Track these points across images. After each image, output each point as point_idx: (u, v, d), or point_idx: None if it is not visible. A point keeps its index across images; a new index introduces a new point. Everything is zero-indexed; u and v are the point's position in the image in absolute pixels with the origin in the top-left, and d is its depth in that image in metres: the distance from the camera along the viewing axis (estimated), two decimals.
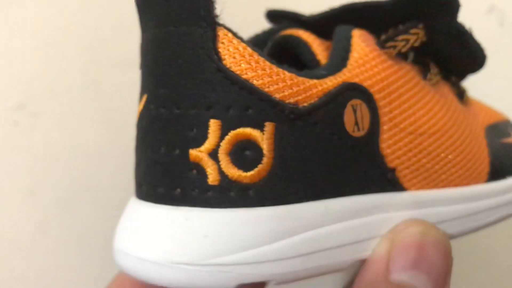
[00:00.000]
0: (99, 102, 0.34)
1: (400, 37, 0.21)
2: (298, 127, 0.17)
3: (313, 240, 0.17)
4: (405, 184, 0.20)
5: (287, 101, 0.17)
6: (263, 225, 0.17)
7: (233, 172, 0.17)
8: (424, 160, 0.20)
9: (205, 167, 0.17)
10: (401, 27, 0.21)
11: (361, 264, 0.19)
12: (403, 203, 0.20)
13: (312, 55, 0.21)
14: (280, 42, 0.22)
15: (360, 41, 0.20)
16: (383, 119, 0.19)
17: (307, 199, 0.17)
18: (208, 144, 0.16)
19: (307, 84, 0.17)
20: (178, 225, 0.17)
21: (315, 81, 0.18)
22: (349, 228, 0.18)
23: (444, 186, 0.21)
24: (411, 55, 0.24)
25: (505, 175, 0.24)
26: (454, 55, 0.24)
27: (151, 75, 0.18)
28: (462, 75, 0.26)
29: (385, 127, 0.19)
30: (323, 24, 0.22)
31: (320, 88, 0.18)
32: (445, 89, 0.23)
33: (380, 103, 0.19)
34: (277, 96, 0.17)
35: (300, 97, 0.17)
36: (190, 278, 0.16)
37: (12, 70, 0.33)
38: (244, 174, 0.17)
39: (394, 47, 0.21)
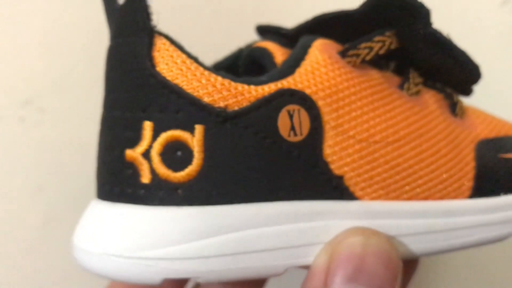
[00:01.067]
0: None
1: (363, 45, 0.21)
2: (227, 130, 0.18)
3: (240, 241, 0.18)
4: (357, 193, 0.19)
5: (215, 105, 0.18)
6: (188, 223, 0.18)
7: (164, 172, 0.18)
8: (380, 169, 0.20)
9: (139, 167, 0.18)
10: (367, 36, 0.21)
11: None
12: (353, 212, 0.19)
13: (274, 64, 0.21)
14: (250, 54, 0.23)
15: (317, 50, 0.20)
16: (328, 125, 0.19)
17: (237, 201, 0.18)
18: (142, 145, 0.18)
19: (240, 89, 0.18)
20: (113, 220, 0.18)
21: (249, 86, 0.18)
22: (282, 232, 0.18)
23: (409, 198, 0.20)
24: (391, 65, 0.23)
25: (498, 192, 0.22)
26: (437, 64, 0.23)
27: (104, 82, 0.19)
28: (457, 86, 0.24)
29: (329, 134, 0.19)
30: (300, 35, 0.22)
31: (254, 93, 0.18)
32: (430, 100, 0.23)
33: (325, 110, 0.19)
34: (206, 99, 0.18)
35: (229, 101, 0.18)
36: (120, 269, 0.18)
37: (18, 66, 0.33)
38: (174, 174, 0.18)
39: (357, 55, 0.21)
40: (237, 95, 0.18)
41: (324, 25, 0.22)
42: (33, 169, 0.34)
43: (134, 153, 0.18)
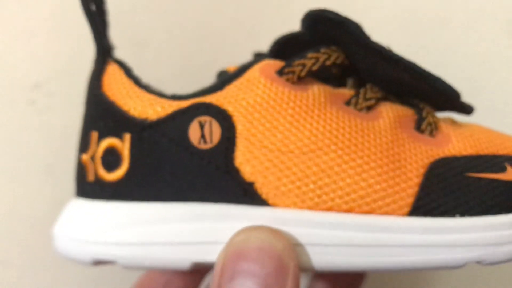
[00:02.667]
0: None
1: (296, 63, 0.22)
2: (146, 138, 0.21)
3: (151, 233, 0.21)
4: (270, 200, 0.21)
5: (137, 117, 0.21)
6: (111, 215, 0.21)
7: (102, 172, 0.22)
8: (293, 178, 0.21)
9: (88, 168, 0.23)
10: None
11: None
12: (263, 217, 0.20)
13: None
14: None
15: (256, 70, 0.22)
16: (241, 136, 0.21)
17: (153, 199, 0.21)
18: (90, 150, 0.23)
19: (162, 103, 0.21)
20: (71, 211, 0.23)
21: (172, 101, 0.22)
22: (190, 229, 0.21)
23: (329, 209, 0.20)
24: (350, 81, 0.24)
25: (453, 213, 0.21)
26: (392, 78, 0.23)
27: None
28: (436, 102, 0.24)
29: (242, 143, 0.21)
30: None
31: (170, 106, 0.21)
32: (385, 114, 0.22)
33: (240, 122, 0.21)
34: (133, 112, 0.22)
35: (148, 114, 0.21)
36: (65, 248, 0.22)
37: (28, 50, 0.34)
38: (108, 174, 0.22)
39: (293, 72, 0.22)
40: (158, 108, 0.21)
41: (285, 47, 0.24)
42: (42, 152, 0.34)
43: (85, 157, 0.23)
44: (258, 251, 0.19)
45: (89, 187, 0.22)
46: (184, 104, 0.21)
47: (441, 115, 0.26)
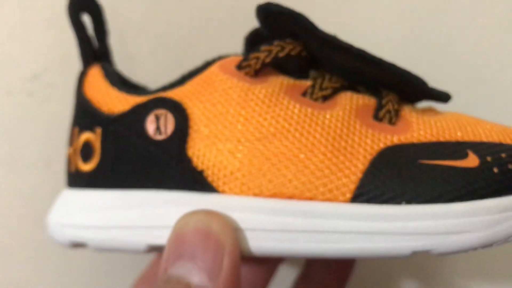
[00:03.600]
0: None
1: (252, 56, 0.23)
2: (110, 130, 0.23)
3: (113, 217, 0.23)
4: (220, 187, 0.22)
5: (106, 112, 0.24)
6: (83, 201, 0.24)
7: (80, 163, 0.25)
8: (240, 166, 0.21)
9: (71, 160, 0.25)
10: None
11: None
12: (210, 204, 0.21)
13: None
14: None
15: (216, 65, 0.24)
16: (194, 127, 0.22)
17: (117, 187, 0.23)
18: (74, 144, 0.25)
19: (127, 99, 0.24)
20: (59, 199, 0.26)
21: (136, 96, 0.24)
22: (143, 215, 0.22)
23: (273, 195, 0.21)
24: (312, 73, 0.25)
25: (399, 200, 0.20)
26: (350, 67, 0.23)
27: None
28: (398, 90, 0.23)
29: (194, 134, 0.22)
30: None
31: (133, 101, 0.23)
32: (341, 104, 0.23)
33: (193, 114, 0.22)
34: (103, 108, 0.24)
35: (115, 109, 0.24)
36: (52, 231, 0.25)
37: (26, 41, 0.34)
38: (84, 165, 0.24)
39: (249, 66, 0.23)
40: (122, 103, 0.24)
41: (255, 42, 0.25)
42: (41, 143, 0.34)
43: (70, 150, 0.25)
44: (194, 234, 0.20)
45: (71, 177, 0.25)
46: (145, 99, 0.23)
47: (423, 105, 0.26)
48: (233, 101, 0.22)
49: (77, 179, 0.25)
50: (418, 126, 0.22)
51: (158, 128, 0.23)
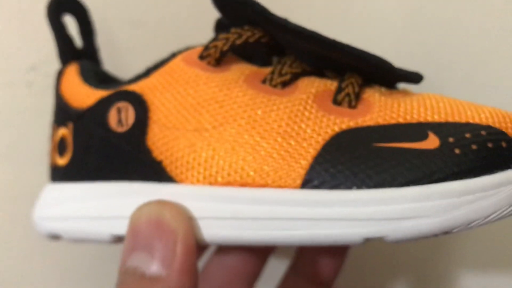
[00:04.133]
0: (112, 62, 0.34)
1: (211, 45, 0.23)
2: (79, 124, 0.24)
3: (81, 208, 0.24)
4: (178, 177, 0.22)
5: (76, 107, 0.25)
6: (57, 194, 0.25)
7: (57, 158, 0.26)
8: (195, 155, 0.21)
9: (51, 155, 0.26)
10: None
11: None
12: (168, 194, 0.22)
13: None
14: None
15: (179, 58, 0.24)
16: (153, 118, 0.23)
17: (87, 179, 0.24)
18: (52, 140, 0.26)
19: (94, 94, 0.24)
20: (42, 192, 0.27)
21: (101, 90, 0.24)
22: (108, 205, 0.23)
23: (225, 184, 0.21)
24: (274, 59, 0.24)
25: (350, 185, 0.20)
26: (312, 52, 0.23)
27: None
28: (372, 75, 0.23)
29: (153, 125, 0.22)
30: None
31: (99, 95, 0.24)
32: (301, 89, 0.22)
33: (153, 106, 0.23)
34: (74, 104, 0.25)
35: (83, 104, 0.24)
36: (36, 225, 0.26)
37: (25, 32, 0.34)
38: (59, 159, 0.25)
39: (209, 55, 0.23)
40: (89, 98, 0.24)
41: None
42: (41, 133, 0.34)
43: (51, 146, 0.26)
44: (147, 224, 0.20)
45: (51, 172, 0.26)
46: (109, 92, 0.24)
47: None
48: (192, 91, 0.22)
49: (55, 173, 0.26)
50: (380, 108, 0.21)
51: (120, 121, 0.23)
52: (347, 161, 0.20)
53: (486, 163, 0.19)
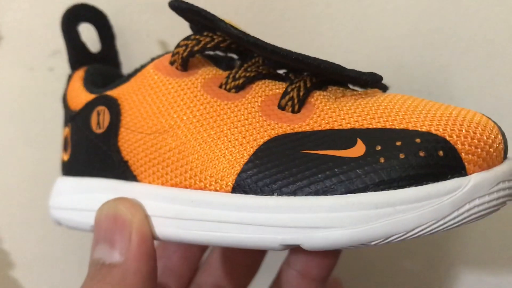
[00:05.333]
0: (131, 46, 0.35)
1: (175, 51, 0.25)
2: (74, 126, 0.27)
3: (71, 200, 0.27)
4: (139, 176, 0.24)
5: (72, 109, 0.28)
6: (60, 187, 0.28)
7: (63, 154, 0.29)
8: (151, 157, 0.23)
9: (62, 151, 0.30)
10: None
11: None
12: (130, 192, 0.24)
13: None
14: None
15: (150, 65, 0.25)
16: (123, 121, 0.25)
17: (79, 175, 0.27)
18: (62, 138, 0.30)
19: (85, 97, 0.27)
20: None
21: (91, 95, 0.27)
22: (88, 198, 0.26)
23: (173, 185, 0.23)
24: (236, 64, 0.25)
25: (272, 192, 0.20)
26: (262, 56, 0.23)
27: None
28: (322, 75, 0.23)
29: (123, 128, 0.25)
30: None
31: (88, 98, 0.27)
32: (253, 93, 0.23)
33: (124, 109, 0.25)
34: (72, 106, 0.28)
35: (77, 106, 0.27)
36: (48, 212, 0.30)
37: (47, 18, 0.35)
38: (64, 155, 0.29)
39: (175, 61, 0.25)
40: (82, 101, 0.27)
41: None
42: (60, 117, 0.34)
43: (64, 145, 0.30)
44: (105, 219, 0.23)
45: (61, 166, 0.30)
46: (94, 96, 0.27)
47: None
48: (154, 96, 0.24)
49: (62, 167, 0.29)
50: (319, 113, 0.21)
51: (98, 123, 0.26)
52: (274, 167, 0.20)
53: (413, 174, 0.19)
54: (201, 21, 0.24)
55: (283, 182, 0.20)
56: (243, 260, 0.31)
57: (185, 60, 0.24)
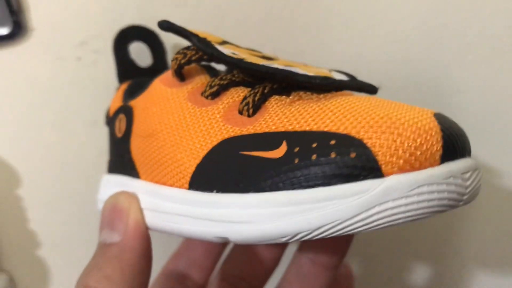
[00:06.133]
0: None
1: (172, 64, 0.28)
2: (108, 129, 0.33)
3: (104, 194, 0.32)
4: (140, 174, 0.28)
5: (109, 116, 0.33)
6: (101, 182, 0.34)
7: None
8: (145, 158, 0.27)
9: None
10: None
11: None
12: (134, 187, 0.28)
13: None
14: None
15: (159, 77, 0.29)
16: (133, 127, 0.29)
17: (110, 171, 0.32)
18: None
19: (117, 106, 0.32)
20: None
21: (119, 103, 0.32)
22: (110, 192, 0.30)
23: (157, 181, 0.26)
24: (219, 72, 0.28)
25: (212, 188, 0.23)
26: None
27: None
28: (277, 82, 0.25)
29: (132, 133, 0.29)
30: None
31: (116, 107, 0.32)
32: (223, 100, 0.25)
33: (135, 117, 0.29)
34: (110, 113, 0.33)
35: (111, 114, 0.33)
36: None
37: (75, 8, 0.36)
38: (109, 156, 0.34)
39: (174, 72, 0.28)
40: (113, 109, 0.32)
41: None
42: (89, 105, 0.37)
43: None
44: (108, 208, 0.27)
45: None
46: (119, 105, 0.31)
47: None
48: (152, 104, 0.28)
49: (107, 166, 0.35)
50: (267, 117, 0.23)
51: (119, 128, 0.30)
52: (217, 167, 0.23)
53: (322, 175, 0.19)
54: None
55: (222, 180, 0.22)
56: (264, 253, 0.33)
57: (177, 71, 0.28)
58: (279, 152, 0.21)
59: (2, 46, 0.37)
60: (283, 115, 0.22)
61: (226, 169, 0.22)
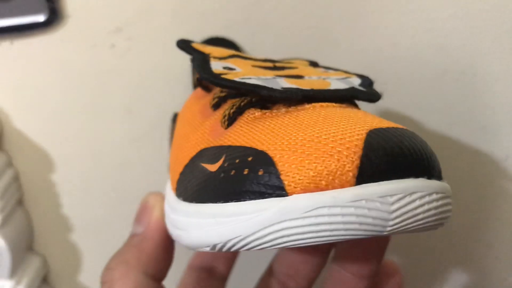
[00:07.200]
0: (190, 25, 0.36)
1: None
2: None
3: None
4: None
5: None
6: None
7: None
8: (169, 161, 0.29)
9: None
10: None
11: None
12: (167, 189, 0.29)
13: None
14: None
15: (193, 92, 0.31)
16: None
17: None
18: None
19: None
20: None
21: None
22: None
23: (171, 186, 0.28)
24: None
25: (180, 197, 0.24)
26: None
27: None
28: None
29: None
30: None
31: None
32: (220, 111, 0.26)
33: (177, 123, 0.31)
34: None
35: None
36: None
37: None
38: None
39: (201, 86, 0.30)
40: None
41: None
42: (123, 92, 0.37)
43: None
44: (141, 204, 0.31)
45: None
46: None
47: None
48: (182, 113, 0.30)
49: None
50: (232, 130, 0.24)
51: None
52: (187, 176, 0.24)
53: (233, 190, 0.20)
54: None
55: (186, 189, 0.24)
56: (312, 255, 0.32)
57: (201, 84, 0.29)
58: (217, 165, 0.21)
59: (38, 33, 0.38)
60: (241, 129, 0.23)
61: (190, 178, 0.24)
